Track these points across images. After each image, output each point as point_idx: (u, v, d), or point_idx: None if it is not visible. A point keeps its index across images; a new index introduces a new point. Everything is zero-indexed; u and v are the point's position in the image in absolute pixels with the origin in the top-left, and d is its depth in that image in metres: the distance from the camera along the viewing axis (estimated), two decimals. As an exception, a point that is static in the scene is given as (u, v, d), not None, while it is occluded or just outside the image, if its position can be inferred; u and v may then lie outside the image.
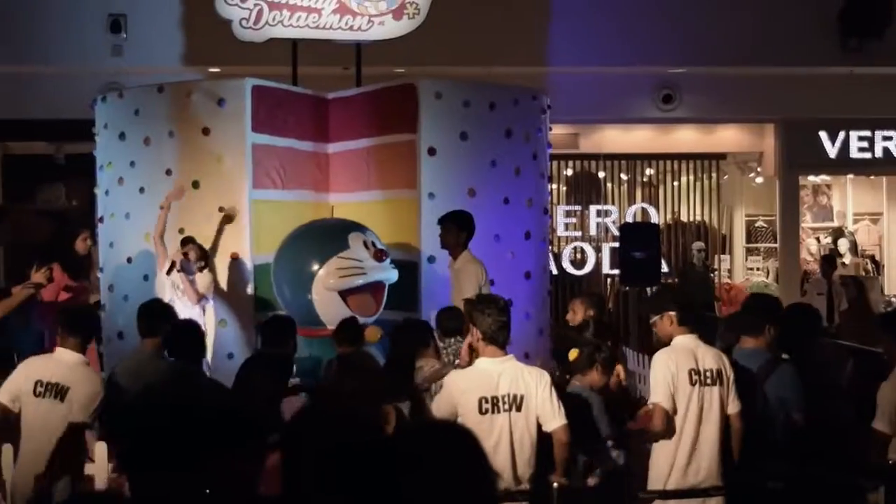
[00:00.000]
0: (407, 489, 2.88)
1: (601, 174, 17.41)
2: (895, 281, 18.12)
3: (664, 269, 14.78)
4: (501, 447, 5.84)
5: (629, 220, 16.69)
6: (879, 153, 16.53)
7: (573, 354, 7.21)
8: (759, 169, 17.51)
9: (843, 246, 17.54)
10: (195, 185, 9.52)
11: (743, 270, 18.21)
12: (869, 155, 16.56)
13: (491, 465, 3.04)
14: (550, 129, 10.77)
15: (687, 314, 6.44)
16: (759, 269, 18.04)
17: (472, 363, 6.27)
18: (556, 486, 6.02)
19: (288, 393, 6.82)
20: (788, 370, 6.58)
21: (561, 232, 16.99)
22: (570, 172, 17.43)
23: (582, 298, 7.85)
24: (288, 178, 9.86)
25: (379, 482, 2.98)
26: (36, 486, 6.46)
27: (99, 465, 6.74)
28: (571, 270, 16.71)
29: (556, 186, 16.43)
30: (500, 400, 5.90)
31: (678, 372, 6.21)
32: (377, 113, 9.94)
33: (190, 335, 7.05)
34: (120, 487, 6.48)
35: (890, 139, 16.53)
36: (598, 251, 16.89)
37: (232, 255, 9.44)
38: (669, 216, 17.68)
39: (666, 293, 6.92)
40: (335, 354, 7.47)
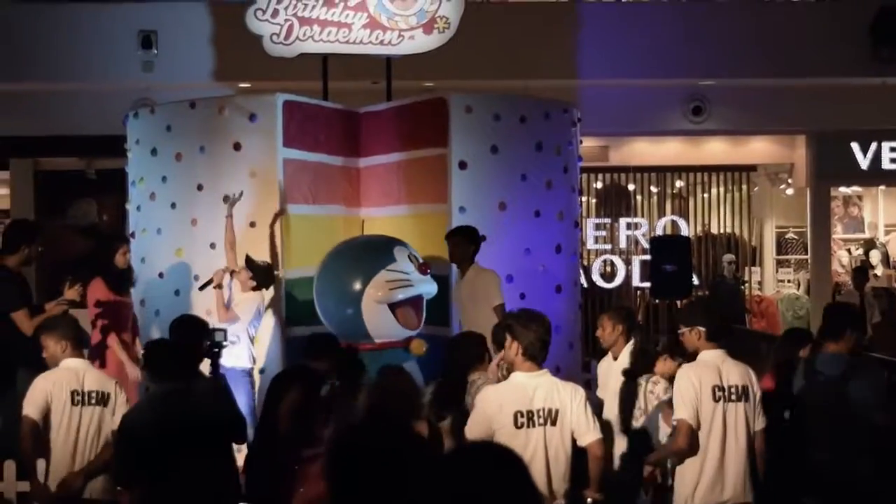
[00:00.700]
0: None
1: (631, 187, 17.38)
2: (928, 293, 17.94)
3: (695, 281, 14.72)
4: (536, 462, 5.82)
5: (659, 232, 16.67)
6: (911, 164, 16.42)
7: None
8: (789, 180, 17.41)
9: (874, 257, 17.40)
10: (225, 200, 9.53)
11: (774, 282, 18.08)
12: (901, 166, 16.44)
13: (537, 489, 2.99)
14: (581, 141, 10.76)
15: (717, 330, 6.42)
16: (789, 280, 17.89)
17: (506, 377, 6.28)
18: (590, 501, 5.99)
19: (319, 407, 6.82)
20: (873, 373, 6.60)
21: (591, 245, 16.97)
22: (599, 185, 17.41)
23: (609, 314, 7.76)
24: (319, 192, 9.87)
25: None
26: (72, 483, 6.74)
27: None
28: (601, 283, 16.70)
29: (585, 199, 16.42)
30: (535, 414, 5.89)
31: (701, 388, 6.19)
32: (408, 127, 9.94)
33: (166, 354, 6.74)
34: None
35: (922, 150, 16.40)
36: (627, 264, 16.85)
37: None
38: (699, 228, 17.62)
39: (698, 307, 6.90)
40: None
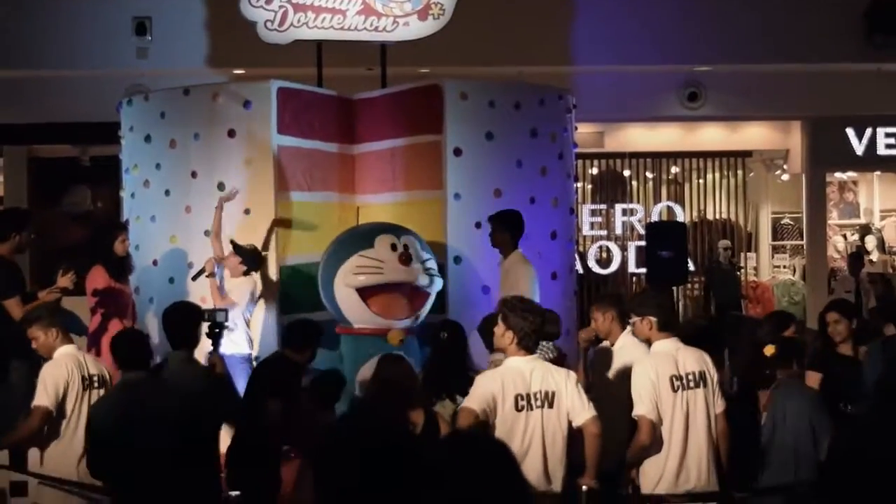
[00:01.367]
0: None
1: (626, 173, 17.36)
2: (924, 278, 17.95)
3: (690, 267, 14.72)
4: (534, 445, 5.87)
5: (655, 218, 16.67)
6: (906, 150, 16.41)
7: (770, 350, 7.14)
8: (785, 166, 17.41)
9: (870, 243, 17.43)
10: (220, 187, 9.52)
11: (769, 268, 18.09)
12: (896, 151, 16.44)
13: (526, 479, 2.97)
14: (576, 128, 10.73)
15: (668, 320, 6.45)
16: (785, 266, 17.90)
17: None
18: (584, 489, 5.91)
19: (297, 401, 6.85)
20: None
21: (586, 231, 16.98)
22: (595, 171, 17.39)
23: (596, 304, 7.70)
24: (314, 179, 9.84)
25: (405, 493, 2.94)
26: None
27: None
28: (597, 270, 16.69)
29: (581, 185, 16.40)
30: (532, 397, 5.92)
31: (659, 380, 6.19)
32: (403, 114, 9.91)
33: (129, 343, 6.75)
34: None
35: (918, 135, 16.40)
36: (623, 250, 16.87)
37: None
38: (695, 214, 17.61)
39: (649, 296, 6.88)
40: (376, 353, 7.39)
